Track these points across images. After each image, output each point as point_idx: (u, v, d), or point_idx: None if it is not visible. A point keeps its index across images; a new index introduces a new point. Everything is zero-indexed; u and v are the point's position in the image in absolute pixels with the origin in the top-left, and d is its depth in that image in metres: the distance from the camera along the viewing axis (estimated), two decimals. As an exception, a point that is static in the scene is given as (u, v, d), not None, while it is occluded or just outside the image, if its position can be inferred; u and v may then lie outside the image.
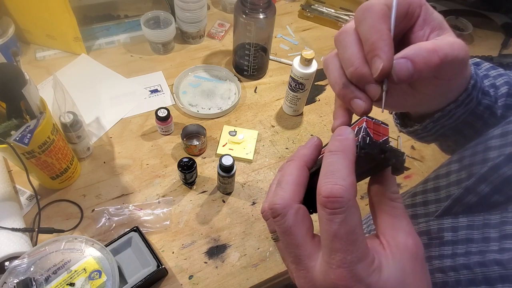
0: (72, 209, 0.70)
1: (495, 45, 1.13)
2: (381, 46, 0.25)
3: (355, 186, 0.24)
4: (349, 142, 0.25)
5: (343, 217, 0.23)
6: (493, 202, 0.33)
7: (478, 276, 0.30)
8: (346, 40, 0.28)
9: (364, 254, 0.23)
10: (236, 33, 0.89)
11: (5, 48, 0.83)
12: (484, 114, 0.39)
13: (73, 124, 0.69)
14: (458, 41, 0.28)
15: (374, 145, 0.24)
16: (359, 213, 0.24)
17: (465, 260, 0.31)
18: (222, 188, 0.74)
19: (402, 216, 0.25)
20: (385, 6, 0.27)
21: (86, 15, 1.00)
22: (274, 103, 0.93)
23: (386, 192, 0.26)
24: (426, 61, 0.26)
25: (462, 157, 0.39)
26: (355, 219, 0.23)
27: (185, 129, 0.78)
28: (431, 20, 0.29)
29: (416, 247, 0.25)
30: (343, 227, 0.23)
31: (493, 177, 0.32)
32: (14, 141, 0.53)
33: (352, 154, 0.24)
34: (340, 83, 0.29)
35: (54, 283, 0.52)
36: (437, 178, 0.41)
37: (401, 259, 0.24)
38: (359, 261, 0.23)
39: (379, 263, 0.24)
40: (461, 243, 0.33)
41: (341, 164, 0.24)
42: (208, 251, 0.68)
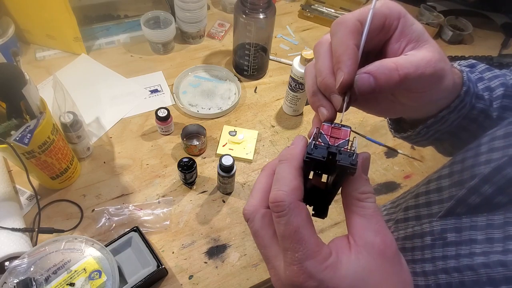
0: (72, 209, 0.70)
1: (495, 45, 1.13)
2: (344, 60, 0.27)
3: (298, 190, 0.25)
4: (296, 150, 0.27)
5: (287, 219, 0.25)
6: (496, 203, 0.33)
7: (482, 277, 0.30)
8: (320, 51, 0.30)
9: (313, 252, 0.24)
10: (236, 33, 0.89)
11: (5, 48, 0.83)
12: (479, 118, 0.40)
13: (73, 124, 0.69)
14: (426, 58, 0.28)
15: (321, 149, 0.25)
16: (304, 214, 0.25)
17: (469, 261, 0.31)
18: (222, 188, 0.74)
19: (371, 215, 0.26)
20: (358, 22, 0.28)
21: (86, 15, 1.00)
22: (274, 103, 0.93)
23: (353, 192, 0.27)
24: (387, 78, 0.27)
25: (464, 158, 0.39)
26: (298, 219, 0.25)
27: (185, 129, 0.78)
28: (409, 33, 0.29)
29: (384, 245, 0.25)
30: (288, 228, 0.25)
31: (496, 178, 0.33)
32: (14, 141, 0.53)
33: (296, 161, 0.26)
34: (311, 90, 0.31)
35: (54, 283, 0.52)
36: (440, 178, 0.41)
37: (367, 258, 0.25)
38: (307, 258, 0.24)
39: (336, 260, 0.25)
40: (465, 244, 0.33)
41: (285, 172, 0.26)
42: (208, 251, 0.68)
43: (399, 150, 0.86)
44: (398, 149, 0.86)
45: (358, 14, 0.29)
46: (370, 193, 0.27)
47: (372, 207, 0.26)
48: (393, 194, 0.79)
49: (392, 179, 0.81)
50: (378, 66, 0.27)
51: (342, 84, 0.27)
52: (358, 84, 0.27)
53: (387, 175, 0.81)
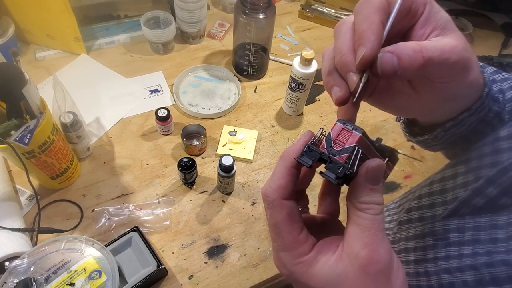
0: (72, 209, 0.70)
1: (495, 45, 1.13)
2: (368, 35, 0.25)
3: (282, 189, 0.27)
4: (293, 148, 0.28)
5: (270, 212, 0.27)
6: (501, 204, 0.33)
7: (486, 276, 0.30)
8: (342, 30, 0.29)
9: (289, 246, 0.26)
10: (236, 33, 0.89)
11: (5, 48, 0.83)
12: (493, 121, 0.38)
13: (73, 124, 0.69)
14: (452, 44, 0.27)
15: (313, 155, 0.25)
16: (285, 213, 0.27)
17: (472, 261, 0.31)
18: (222, 188, 0.74)
19: (366, 227, 0.25)
20: (385, 0, 0.27)
21: (86, 15, 1.00)
22: (274, 103, 0.93)
23: (354, 200, 0.26)
24: (411, 59, 0.25)
25: (468, 158, 0.38)
26: (278, 216, 0.27)
27: (185, 129, 0.78)
28: (435, 19, 0.28)
29: (367, 261, 0.24)
30: (270, 220, 0.27)
31: (501, 179, 0.32)
32: (14, 141, 0.53)
33: (288, 161, 0.27)
34: (326, 70, 0.29)
35: (54, 283, 0.52)
36: (443, 180, 0.40)
37: (346, 266, 0.25)
38: (283, 250, 0.27)
39: (312, 259, 0.26)
40: (468, 244, 0.33)
41: (277, 169, 0.28)
42: (208, 251, 0.68)
43: (399, 150, 0.86)
44: (398, 149, 0.86)
45: None
46: (373, 204, 0.25)
47: (369, 218, 0.25)
48: (393, 194, 0.79)
49: (392, 179, 0.81)
50: (402, 47, 0.26)
51: (362, 60, 0.25)
52: (382, 62, 0.25)
53: (387, 175, 0.81)
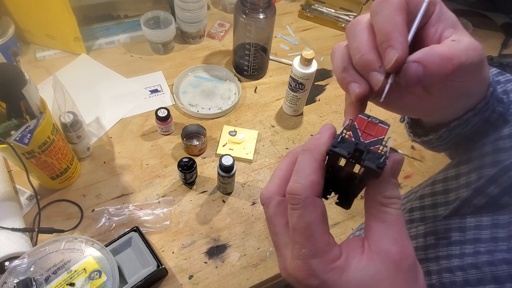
0: (72, 209, 0.70)
1: (495, 45, 1.13)
2: (396, 37, 0.24)
3: (315, 185, 0.24)
4: (320, 141, 0.25)
5: (300, 212, 0.24)
6: (502, 203, 0.33)
7: (487, 275, 0.29)
8: (357, 29, 0.27)
9: (322, 251, 0.23)
10: (236, 33, 0.89)
11: (5, 48, 0.83)
12: (497, 122, 0.38)
13: (73, 124, 0.69)
14: (473, 44, 0.26)
15: (347, 145, 0.23)
16: (319, 211, 0.24)
17: (473, 260, 0.31)
18: (222, 188, 0.74)
19: (392, 222, 0.24)
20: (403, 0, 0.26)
21: (86, 15, 1.00)
22: (274, 103, 0.93)
23: (377, 196, 0.25)
24: (439, 68, 0.24)
25: (469, 158, 0.38)
26: (312, 216, 0.24)
27: (185, 129, 0.78)
28: (445, 18, 0.28)
29: (400, 256, 0.23)
30: (300, 222, 0.24)
31: (502, 178, 0.32)
32: (14, 141, 0.53)
33: (319, 153, 0.25)
34: (341, 67, 0.28)
35: (54, 283, 0.52)
36: (446, 180, 0.40)
37: (379, 266, 0.23)
38: (314, 256, 0.23)
39: (344, 263, 0.24)
40: (469, 243, 0.33)
41: (306, 163, 0.25)
42: (208, 251, 0.68)
43: (399, 150, 0.86)
44: (398, 149, 0.86)
45: None
46: (396, 198, 0.25)
47: (395, 213, 0.24)
48: (393, 194, 0.79)
49: (392, 179, 0.81)
50: (430, 54, 0.24)
51: (396, 63, 0.24)
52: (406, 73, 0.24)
53: (387, 175, 0.81)
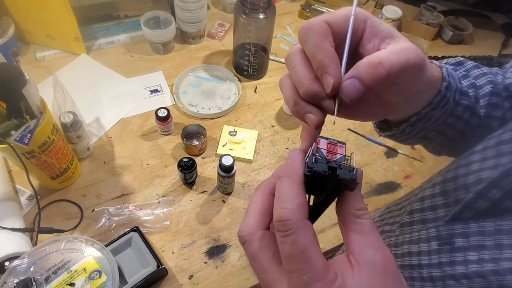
0: (72, 209, 0.70)
1: (495, 45, 1.13)
2: (328, 64, 0.26)
3: (303, 206, 0.24)
4: (295, 165, 0.26)
5: (294, 238, 0.23)
6: (504, 207, 0.33)
7: (493, 285, 0.29)
8: (295, 61, 0.29)
9: (321, 273, 0.23)
10: (236, 33, 0.89)
11: (5, 48, 0.83)
12: (464, 115, 0.39)
13: (73, 124, 0.69)
14: (408, 46, 0.28)
15: (321, 164, 0.25)
16: (311, 232, 0.24)
17: (478, 268, 0.31)
18: (222, 188, 0.74)
19: (369, 232, 0.25)
20: (325, 23, 0.27)
21: (86, 15, 1.00)
22: (274, 103, 0.93)
23: (350, 209, 0.26)
24: (373, 75, 0.26)
25: (470, 161, 0.38)
26: (305, 238, 0.23)
27: (185, 129, 0.78)
28: (379, 31, 0.30)
29: (385, 262, 0.24)
30: (295, 247, 0.23)
31: (504, 182, 0.32)
32: (14, 141, 0.53)
33: (298, 176, 0.25)
34: (292, 101, 0.29)
35: (54, 283, 0.52)
36: (445, 182, 0.40)
37: (370, 276, 0.24)
38: (315, 280, 0.23)
39: (342, 282, 0.24)
40: (473, 249, 0.32)
41: (288, 188, 0.25)
42: (208, 251, 0.68)
43: (399, 150, 0.86)
44: (398, 149, 0.86)
45: (324, 16, 0.28)
46: (365, 209, 0.26)
47: (368, 223, 0.25)
48: (393, 194, 0.79)
49: (392, 179, 0.81)
50: (360, 67, 0.27)
51: (333, 88, 0.26)
52: (345, 91, 0.27)
53: (387, 175, 0.81)
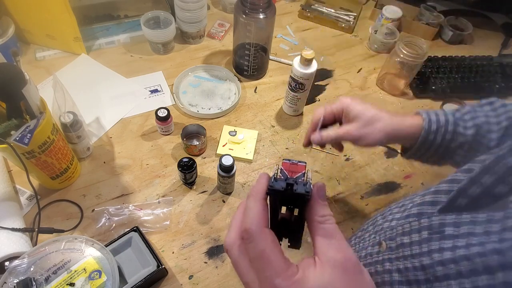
0: (72, 209, 0.70)
1: (495, 45, 1.13)
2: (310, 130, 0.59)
3: (262, 219, 0.29)
4: (259, 186, 0.31)
5: (255, 243, 0.28)
6: (496, 192, 0.34)
7: (478, 266, 0.30)
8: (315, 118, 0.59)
9: (281, 270, 0.27)
10: (236, 33, 0.89)
11: (5, 48, 0.83)
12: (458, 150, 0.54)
13: (73, 124, 0.69)
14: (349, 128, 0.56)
15: (280, 182, 0.30)
16: (270, 239, 0.28)
17: (465, 252, 0.32)
18: (222, 188, 0.74)
19: (331, 235, 0.29)
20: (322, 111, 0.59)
21: (86, 15, 1.00)
22: (274, 103, 0.93)
23: (315, 216, 0.30)
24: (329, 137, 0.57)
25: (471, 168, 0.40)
26: (263, 243, 0.28)
27: (185, 129, 0.78)
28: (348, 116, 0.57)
29: (345, 260, 0.28)
30: (256, 251, 0.28)
31: (497, 167, 0.34)
32: (14, 141, 0.53)
33: (260, 194, 0.30)
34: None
35: (54, 283, 0.52)
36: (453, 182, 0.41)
37: (330, 272, 0.27)
38: (276, 276, 0.27)
39: (302, 276, 0.27)
40: (462, 237, 0.33)
41: (251, 205, 0.30)
42: (208, 251, 0.68)
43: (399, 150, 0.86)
44: (398, 149, 0.86)
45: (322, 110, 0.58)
46: (328, 215, 0.30)
47: (331, 228, 0.29)
48: (393, 194, 0.79)
49: (392, 179, 0.81)
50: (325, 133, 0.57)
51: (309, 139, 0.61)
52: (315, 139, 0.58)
53: (387, 175, 0.81)
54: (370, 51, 1.08)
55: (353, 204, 0.77)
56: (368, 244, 0.48)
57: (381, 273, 0.42)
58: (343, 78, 1.00)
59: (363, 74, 1.02)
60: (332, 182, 0.79)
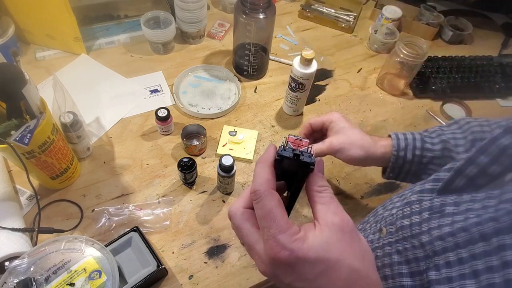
0: (72, 209, 0.70)
1: (495, 45, 1.13)
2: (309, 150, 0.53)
3: (270, 181, 0.32)
4: (268, 154, 0.34)
5: (262, 203, 0.31)
6: (491, 172, 0.36)
7: (475, 235, 0.32)
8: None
9: (285, 227, 0.30)
10: (236, 33, 0.89)
11: (5, 48, 0.83)
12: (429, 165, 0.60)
13: (73, 124, 0.69)
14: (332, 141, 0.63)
15: (288, 151, 0.33)
16: (276, 199, 0.31)
17: (463, 224, 0.33)
18: (222, 188, 0.74)
19: (329, 202, 0.32)
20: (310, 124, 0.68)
21: (86, 15, 1.00)
22: (274, 103, 0.93)
23: (314, 186, 0.33)
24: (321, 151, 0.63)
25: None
26: (271, 202, 0.31)
27: (185, 129, 0.78)
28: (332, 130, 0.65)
29: (341, 223, 0.31)
30: (264, 209, 0.31)
31: (491, 148, 0.36)
32: (14, 141, 0.53)
33: (268, 161, 0.33)
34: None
35: (54, 283, 0.52)
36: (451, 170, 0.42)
37: (329, 233, 0.30)
38: (280, 232, 0.30)
39: (303, 235, 0.30)
40: (461, 213, 0.35)
41: (259, 169, 0.33)
42: (208, 251, 0.68)
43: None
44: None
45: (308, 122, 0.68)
46: (326, 186, 0.33)
47: (329, 196, 0.33)
48: (393, 194, 0.79)
49: (392, 179, 0.81)
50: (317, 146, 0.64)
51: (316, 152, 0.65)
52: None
53: (387, 175, 0.81)
54: (370, 51, 1.08)
55: (353, 204, 0.77)
56: (369, 232, 0.49)
57: (381, 257, 0.43)
58: (343, 78, 1.00)
59: (363, 74, 1.02)
60: (332, 182, 0.79)
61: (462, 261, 0.32)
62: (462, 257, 0.32)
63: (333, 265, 0.30)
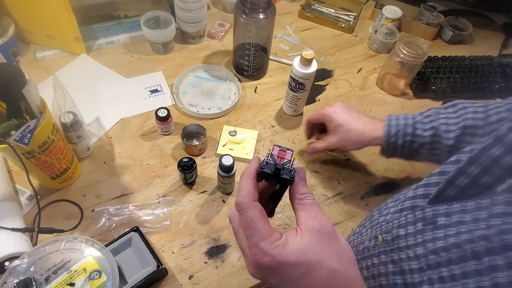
0: (72, 209, 0.70)
1: (495, 45, 1.13)
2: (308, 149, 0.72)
3: (252, 193, 0.35)
4: (251, 167, 0.37)
5: (245, 214, 0.34)
6: (482, 183, 0.36)
7: (467, 252, 0.32)
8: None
9: (266, 235, 0.32)
10: (236, 33, 0.89)
11: (5, 48, 0.83)
12: (420, 149, 0.64)
13: (73, 124, 0.69)
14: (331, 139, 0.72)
15: (270, 165, 0.36)
16: (258, 210, 0.34)
17: (455, 240, 0.33)
18: (222, 188, 0.74)
19: (309, 208, 0.35)
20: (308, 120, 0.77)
21: (86, 15, 1.00)
22: (274, 103, 0.93)
23: (296, 194, 0.36)
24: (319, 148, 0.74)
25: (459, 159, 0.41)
26: (253, 213, 0.33)
27: (185, 129, 0.78)
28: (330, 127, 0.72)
29: (320, 227, 0.33)
30: (247, 220, 0.33)
31: (482, 158, 0.36)
32: (14, 141, 0.53)
33: (251, 174, 0.36)
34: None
35: (54, 283, 0.52)
36: (443, 174, 0.42)
37: (308, 237, 0.33)
38: (262, 239, 0.32)
39: (284, 241, 0.33)
40: (453, 226, 0.35)
41: (243, 181, 0.36)
42: (208, 251, 0.68)
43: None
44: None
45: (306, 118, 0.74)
46: (307, 193, 0.36)
47: (309, 202, 0.35)
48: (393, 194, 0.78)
49: (392, 179, 0.81)
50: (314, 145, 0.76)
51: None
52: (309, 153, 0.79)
53: (387, 175, 0.81)
54: (370, 51, 1.09)
55: (353, 204, 0.77)
56: (366, 238, 0.50)
57: (377, 265, 0.43)
58: (343, 78, 1.01)
59: (363, 74, 1.02)
60: (332, 182, 0.79)
61: (455, 278, 0.32)
62: (455, 274, 0.32)
63: (313, 266, 0.32)
